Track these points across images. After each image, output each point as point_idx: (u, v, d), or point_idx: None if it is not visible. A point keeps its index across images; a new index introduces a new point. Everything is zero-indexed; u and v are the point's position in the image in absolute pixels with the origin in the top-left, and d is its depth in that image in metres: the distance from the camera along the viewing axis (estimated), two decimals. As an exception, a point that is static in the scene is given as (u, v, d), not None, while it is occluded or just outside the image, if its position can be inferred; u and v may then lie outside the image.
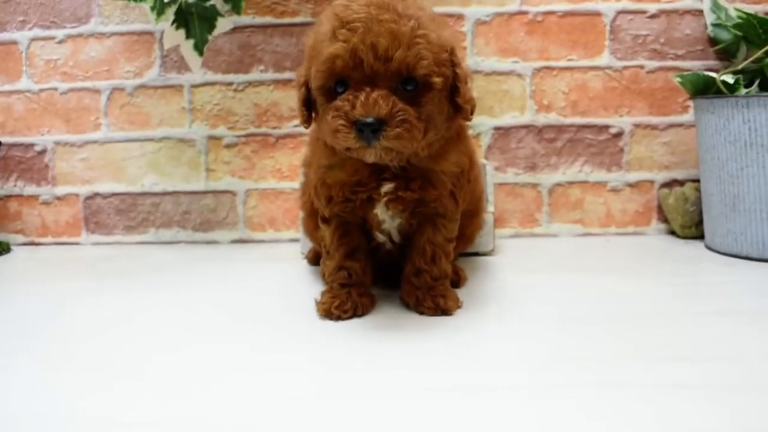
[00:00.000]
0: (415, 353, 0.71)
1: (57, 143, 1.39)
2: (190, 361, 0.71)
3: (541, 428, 0.54)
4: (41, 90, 1.38)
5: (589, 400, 0.59)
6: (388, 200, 0.83)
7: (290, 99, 1.33)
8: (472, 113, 0.79)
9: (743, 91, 1.11)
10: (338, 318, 0.83)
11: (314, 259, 1.11)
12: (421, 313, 0.84)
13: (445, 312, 0.84)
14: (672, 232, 1.32)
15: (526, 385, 0.62)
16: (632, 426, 0.54)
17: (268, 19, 1.33)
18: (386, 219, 0.85)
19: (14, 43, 1.37)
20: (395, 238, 0.89)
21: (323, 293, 0.88)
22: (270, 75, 1.33)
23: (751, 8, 1.21)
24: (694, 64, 1.30)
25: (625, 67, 1.31)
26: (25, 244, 1.41)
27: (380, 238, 0.89)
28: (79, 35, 1.36)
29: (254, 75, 1.34)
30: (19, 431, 0.55)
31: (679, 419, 0.54)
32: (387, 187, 0.81)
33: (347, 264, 0.87)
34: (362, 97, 0.70)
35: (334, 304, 0.84)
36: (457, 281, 0.96)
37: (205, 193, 1.37)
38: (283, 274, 1.08)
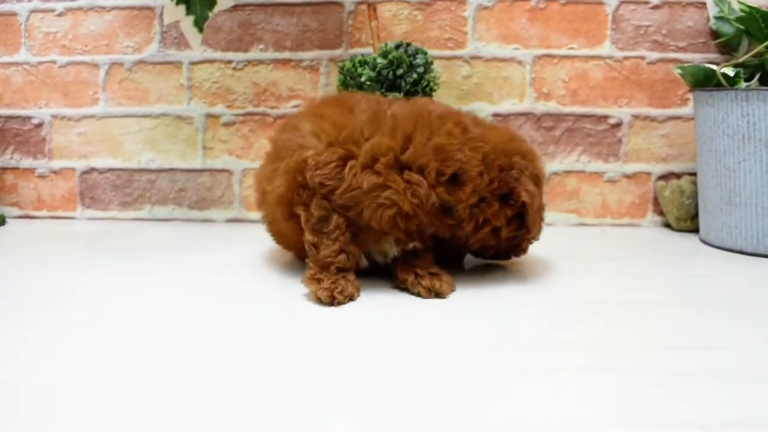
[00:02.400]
0: (406, 333, 0.72)
1: (54, 116, 1.38)
2: (181, 335, 0.71)
3: (531, 411, 0.54)
4: (40, 62, 1.37)
5: (581, 384, 0.59)
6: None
7: (289, 79, 1.33)
8: None
9: (743, 84, 1.11)
10: (339, 303, 0.81)
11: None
12: (417, 294, 0.85)
13: (439, 295, 0.84)
14: (667, 225, 1.32)
15: (517, 368, 0.62)
16: (627, 410, 0.54)
17: (270, -2, 1.32)
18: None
19: (13, 14, 1.37)
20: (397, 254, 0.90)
21: (315, 278, 0.84)
22: (270, 54, 1.33)
23: (754, 2, 1.20)
24: (696, 57, 1.29)
25: (626, 58, 1.30)
26: (20, 217, 1.41)
27: (380, 259, 0.91)
28: (79, 8, 1.35)
29: (254, 54, 1.33)
30: (12, 401, 0.55)
31: (676, 404, 0.55)
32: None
33: (350, 249, 0.85)
34: None
35: (337, 289, 0.81)
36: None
37: (201, 171, 1.37)
38: (278, 254, 1.08)
